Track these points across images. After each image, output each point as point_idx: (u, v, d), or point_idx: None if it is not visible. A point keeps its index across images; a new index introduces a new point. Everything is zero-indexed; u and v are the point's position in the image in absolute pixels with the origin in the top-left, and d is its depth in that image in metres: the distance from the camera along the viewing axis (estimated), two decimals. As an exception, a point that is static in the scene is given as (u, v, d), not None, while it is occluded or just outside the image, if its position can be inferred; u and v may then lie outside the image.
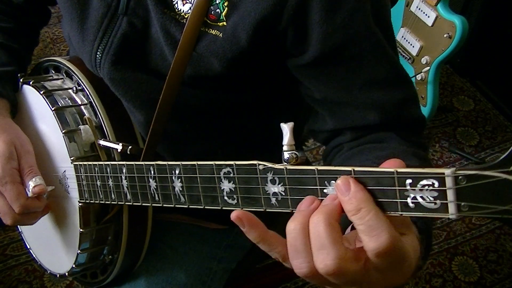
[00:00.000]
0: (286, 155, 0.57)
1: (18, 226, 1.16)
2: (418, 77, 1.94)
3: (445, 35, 1.82)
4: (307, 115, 1.00)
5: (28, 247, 1.15)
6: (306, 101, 0.91)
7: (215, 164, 0.62)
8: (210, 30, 0.82)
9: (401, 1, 2.00)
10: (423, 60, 1.92)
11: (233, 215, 0.56)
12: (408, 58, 1.98)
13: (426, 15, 1.88)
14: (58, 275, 1.05)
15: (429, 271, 1.88)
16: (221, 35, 0.81)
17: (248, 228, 0.56)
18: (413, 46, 1.96)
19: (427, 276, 1.86)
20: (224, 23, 0.81)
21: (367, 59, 0.81)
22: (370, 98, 0.83)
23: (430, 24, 1.87)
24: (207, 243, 1.13)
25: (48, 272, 1.09)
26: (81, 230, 0.92)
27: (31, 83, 0.97)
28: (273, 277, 1.81)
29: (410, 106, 0.86)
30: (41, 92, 0.94)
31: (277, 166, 0.57)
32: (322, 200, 0.55)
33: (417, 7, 1.92)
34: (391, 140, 0.83)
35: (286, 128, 0.58)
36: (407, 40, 1.99)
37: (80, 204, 0.91)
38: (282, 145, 0.58)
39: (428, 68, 1.91)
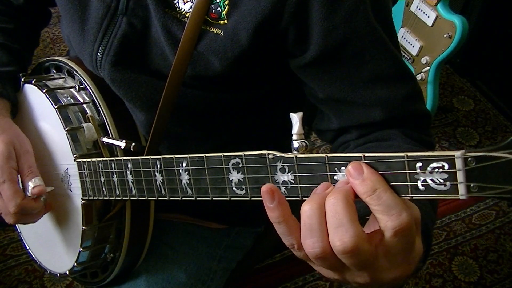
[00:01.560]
0: (295, 144, 0.58)
1: (17, 226, 1.16)
2: (418, 77, 1.94)
3: (445, 35, 1.82)
4: (309, 113, 1.00)
5: (27, 247, 1.14)
6: (311, 101, 0.91)
7: (223, 155, 0.63)
8: (211, 29, 0.82)
9: (401, 1, 2.00)
10: (423, 60, 1.92)
11: (265, 187, 0.55)
12: (408, 58, 1.98)
13: (426, 15, 1.89)
14: (58, 274, 1.05)
15: (429, 271, 1.88)
16: (222, 33, 0.81)
17: (276, 204, 0.55)
18: (413, 46, 1.96)
19: (427, 276, 1.86)
20: (225, 21, 0.81)
21: (369, 55, 0.81)
22: (374, 95, 0.83)
23: (430, 24, 1.88)
24: (207, 243, 1.13)
25: (48, 271, 1.09)
26: (83, 227, 0.92)
27: (33, 82, 0.97)
28: (273, 277, 1.81)
29: (415, 102, 0.86)
30: (44, 91, 0.94)
31: (286, 154, 0.58)
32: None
33: (417, 7, 1.92)
34: (396, 138, 0.83)
35: (296, 118, 0.58)
36: (407, 40, 1.99)
37: (83, 201, 0.91)
38: (292, 134, 0.58)
39: (428, 68, 1.91)
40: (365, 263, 0.53)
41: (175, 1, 0.83)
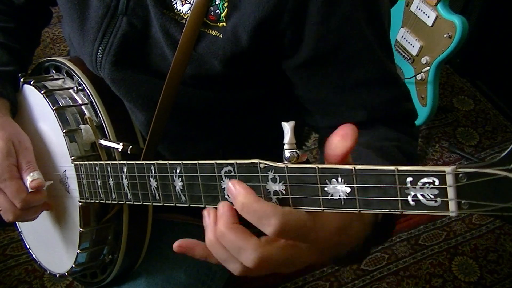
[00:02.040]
0: (287, 153, 0.57)
1: (18, 226, 1.16)
2: (418, 77, 1.94)
3: (445, 35, 1.82)
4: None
5: (28, 247, 1.15)
6: (299, 101, 0.92)
7: (216, 163, 0.62)
8: (209, 31, 0.82)
9: (401, 1, 2.00)
10: (423, 60, 1.92)
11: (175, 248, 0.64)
12: (408, 58, 1.98)
13: (426, 15, 1.88)
14: (58, 275, 1.05)
15: (429, 271, 1.88)
16: (221, 36, 0.81)
17: (192, 253, 0.63)
18: (413, 46, 1.96)
19: (427, 276, 1.86)
20: (224, 23, 0.81)
21: (358, 62, 0.83)
22: (360, 99, 0.86)
23: (430, 24, 1.87)
24: (207, 243, 1.13)
25: (48, 272, 1.09)
26: (81, 229, 0.92)
27: (31, 82, 0.97)
28: (273, 277, 1.82)
29: (399, 104, 0.89)
30: (42, 92, 0.94)
31: (278, 164, 0.57)
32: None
33: (417, 7, 1.92)
34: (378, 128, 0.87)
35: (287, 127, 0.58)
36: (407, 40, 1.99)
37: (80, 203, 0.91)
38: (283, 144, 0.58)
39: (428, 68, 1.91)
40: (286, 258, 0.58)
41: (173, 2, 0.83)
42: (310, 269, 1.85)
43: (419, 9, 1.91)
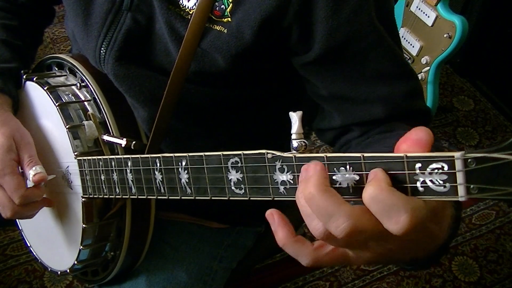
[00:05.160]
0: (295, 143, 0.57)
1: (19, 224, 1.15)
2: (418, 77, 1.94)
3: (445, 35, 1.82)
4: (310, 112, 1.00)
5: (29, 245, 1.14)
6: (313, 99, 0.91)
7: (222, 154, 0.62)
8: (214, 26, 0.82)
9: (401, 1, 2.01)
10: (423, 60, 1.92)
11: (268, 212, 0.57)
12: (408, 58, 1.98)
13: (426, 15, 1.89)
14: (59, 272, 1.04)
15: (429, 271, 1.88)
16: (225, 31, 0.81)
17: (276, 227, 0.56)
18: (413, 46, 1.97)
19: (427, 276, 1.86)
20: (229, 19, 0.81)
21: (371, 54, 0.81)
22: (376, 92, 0.83)
23: (430, 24, 1.88)
24: (208, 243, 1.13)
25: (49, 269, 1.08)
26: (84, 225, 0.92)
27: (34, 79, 0.97)
28: (273, 277, 1.82)
29: (415, 99, 0.86)
30: (45, 88, 0.94)
31: (285, 154, 0.57)
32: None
33: (417, 7, 1.92)
34: (400, 127, 0.83)
35: (295, 117, 0.58)
36: (407, 40, 1.99)
37: (83, 199, 0.91)
38: (291, 134, 0.58)
39: (428, 68, 1.91)
40: (374, 234, 0.51)
41: None
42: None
43: (419, 9, 1.92)
